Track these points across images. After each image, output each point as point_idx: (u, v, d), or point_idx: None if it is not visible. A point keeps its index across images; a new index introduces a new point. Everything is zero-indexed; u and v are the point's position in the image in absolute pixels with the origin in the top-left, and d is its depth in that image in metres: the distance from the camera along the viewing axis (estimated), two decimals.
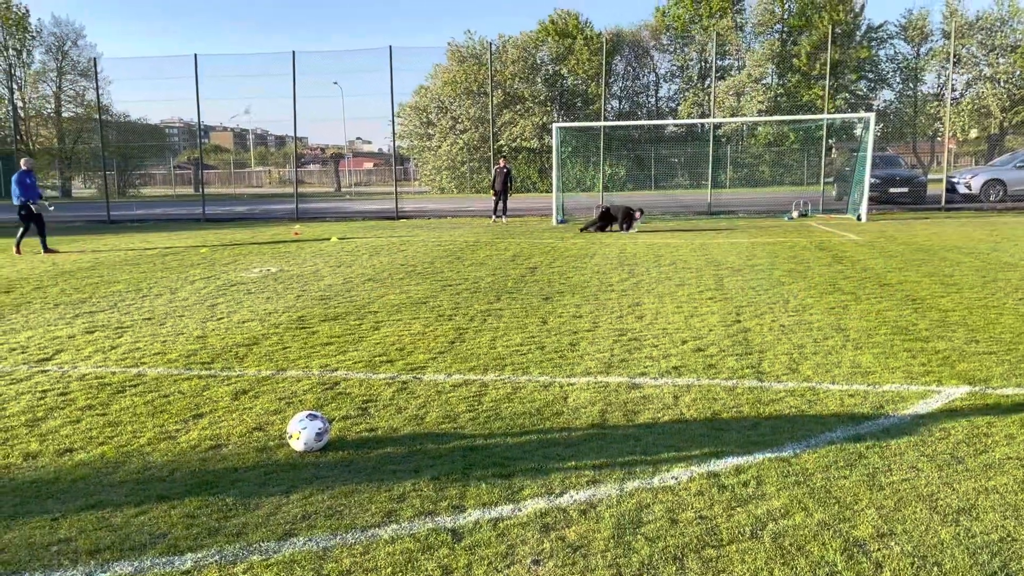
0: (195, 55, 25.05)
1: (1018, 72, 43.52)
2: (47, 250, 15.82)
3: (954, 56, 34.00)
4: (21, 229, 16.05)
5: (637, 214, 18.66)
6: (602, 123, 28.80)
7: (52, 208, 16.55)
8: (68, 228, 24.02)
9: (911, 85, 48.16)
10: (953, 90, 42.97)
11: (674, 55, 49.93)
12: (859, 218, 20.39)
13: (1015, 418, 4.77)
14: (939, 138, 46.02)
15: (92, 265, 13.80)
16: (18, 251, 15.68)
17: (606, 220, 18.53)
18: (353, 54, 63.65)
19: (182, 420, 5.10)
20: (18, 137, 46.89)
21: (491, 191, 23.42)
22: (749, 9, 47.80)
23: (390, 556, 3.29)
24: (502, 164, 22.76)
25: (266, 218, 27.25)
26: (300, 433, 4.44)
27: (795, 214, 22.05)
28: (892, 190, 24.65)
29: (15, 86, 48.58)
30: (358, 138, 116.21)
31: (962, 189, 24.66)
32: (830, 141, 29.93)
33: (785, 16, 46.07)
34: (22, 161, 16.23)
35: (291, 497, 3.89)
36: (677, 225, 20.38)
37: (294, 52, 24.92)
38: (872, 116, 20.93)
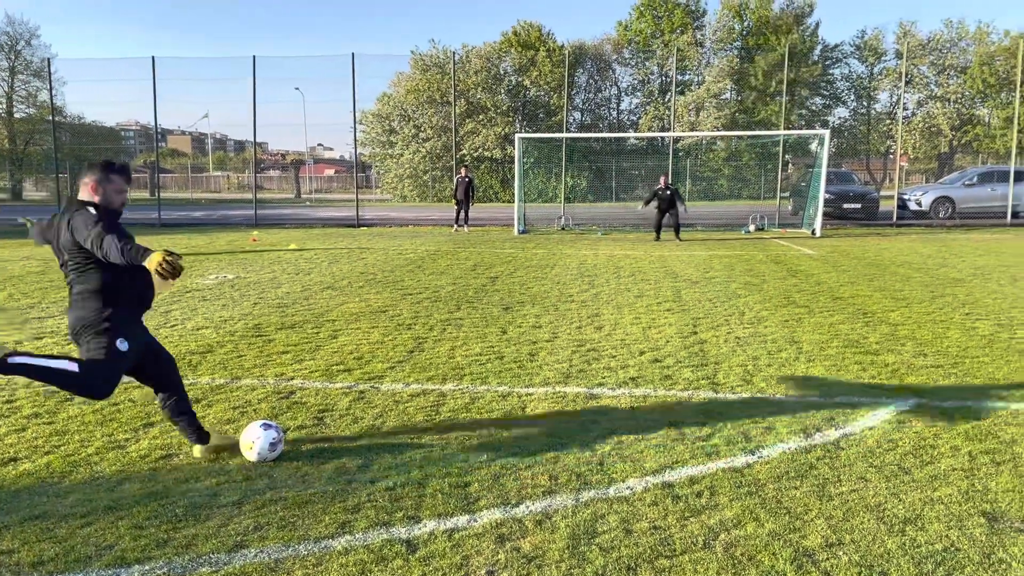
0: (152, 57, 24.74)
1: (966, 93, 44.87)
2: None
3: (906, 76, 34.91)
4: None
5: (663, 179, 19.09)
6: (564, 135, 28.97)
7: None
8: (17, 231, 23.41)
9: (865, 103, 49.41)
10: (905, 109, 44.12)
11: (636, 69, 50.50)
12: (813, 233, 20.79)
13: (960, 430, 4.90)
14: (891, 155, 47.20)
15: (41, 270, 13.46)
16: None
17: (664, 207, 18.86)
18: (315, 60, 63.31)
19: (132, 429, 4.99)
20: None
21: (453, 200, 23.42)
22: (709, 26, 48.61)
23: (343, 568, 3.26)
24: (464, 173, 22.75)
25: (223, 224, 26.86)
26: (254, 443, 4.38)
27: (752, 228, 22.40)
28: (846, 206, 25.24)
29: None
30: (320, 144, 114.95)
31: (913, 206, 25.31)
32: (786, 156, 30.50)
33: (744, 34, 46.95)
34: None
35: (243, 508, 3.83)
36: (637, 237, 20.57)
37: (254, 56, 24.81)
38: (827, 133, 21.40)
